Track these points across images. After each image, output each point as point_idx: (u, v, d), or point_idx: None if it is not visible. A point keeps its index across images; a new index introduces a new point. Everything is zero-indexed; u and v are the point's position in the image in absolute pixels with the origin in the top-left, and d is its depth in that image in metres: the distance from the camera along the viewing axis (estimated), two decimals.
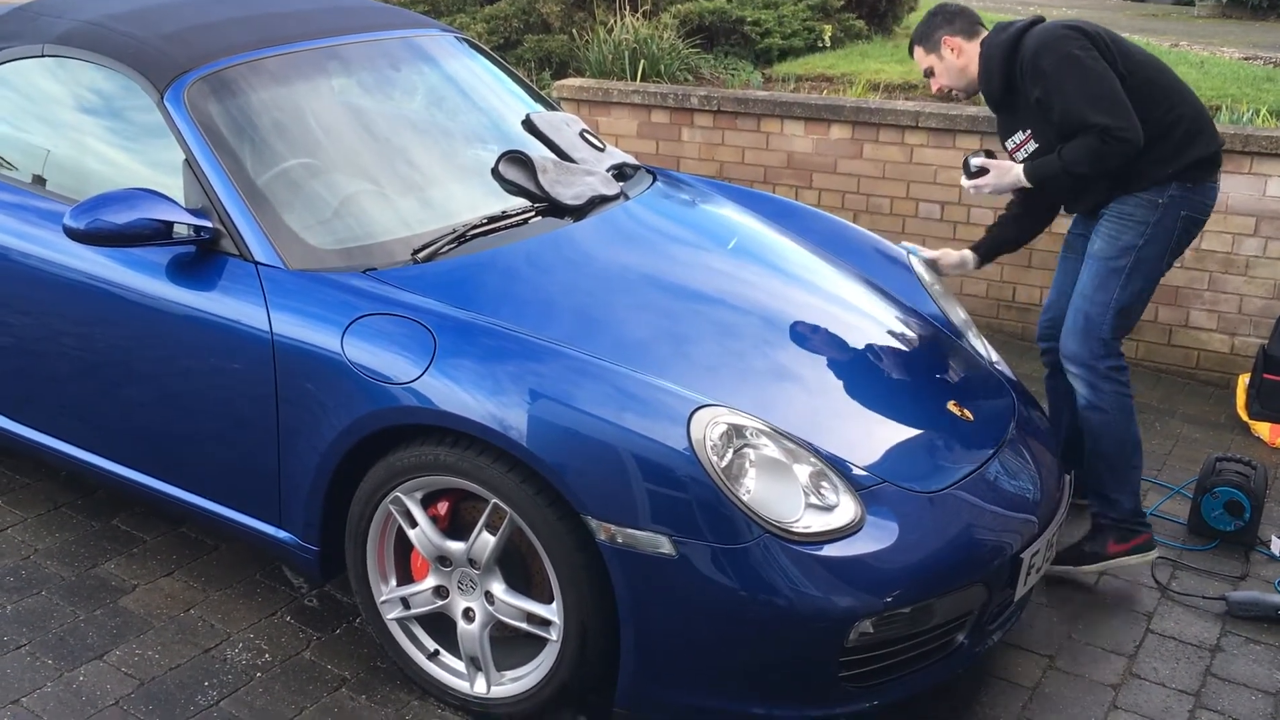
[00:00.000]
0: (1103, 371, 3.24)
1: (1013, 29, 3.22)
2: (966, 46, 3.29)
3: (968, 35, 3.30)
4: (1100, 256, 3.24)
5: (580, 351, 2.63)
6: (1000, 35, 3.23)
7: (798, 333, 3.05)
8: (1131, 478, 3.31)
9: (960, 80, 3.33)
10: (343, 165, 3.24)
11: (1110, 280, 3.22)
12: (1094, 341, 3.24)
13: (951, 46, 3.30)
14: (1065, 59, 3.07)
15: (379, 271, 2.85)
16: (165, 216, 2.85)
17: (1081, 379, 3.27)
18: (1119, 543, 3.31)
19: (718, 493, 2.41)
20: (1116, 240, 3.21)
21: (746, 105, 5.62)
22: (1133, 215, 3.19)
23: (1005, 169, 3.31)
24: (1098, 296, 3.23)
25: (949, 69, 3.33)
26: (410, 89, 3.73)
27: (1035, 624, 3.18)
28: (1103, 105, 3.03)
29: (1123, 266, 3.21)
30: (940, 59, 3.33)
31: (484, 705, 2.74)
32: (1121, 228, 3.21)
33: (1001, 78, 3.21)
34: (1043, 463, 2.99)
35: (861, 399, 2.90)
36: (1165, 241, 3.21)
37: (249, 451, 2.90)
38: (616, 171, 3.58)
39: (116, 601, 3.17)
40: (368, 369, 2.65)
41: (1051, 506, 2.88)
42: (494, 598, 2.67)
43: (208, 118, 3.01)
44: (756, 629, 2.43)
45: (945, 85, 3.36)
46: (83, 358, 3.19)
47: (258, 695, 2.83)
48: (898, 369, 3.07)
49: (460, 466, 2.57)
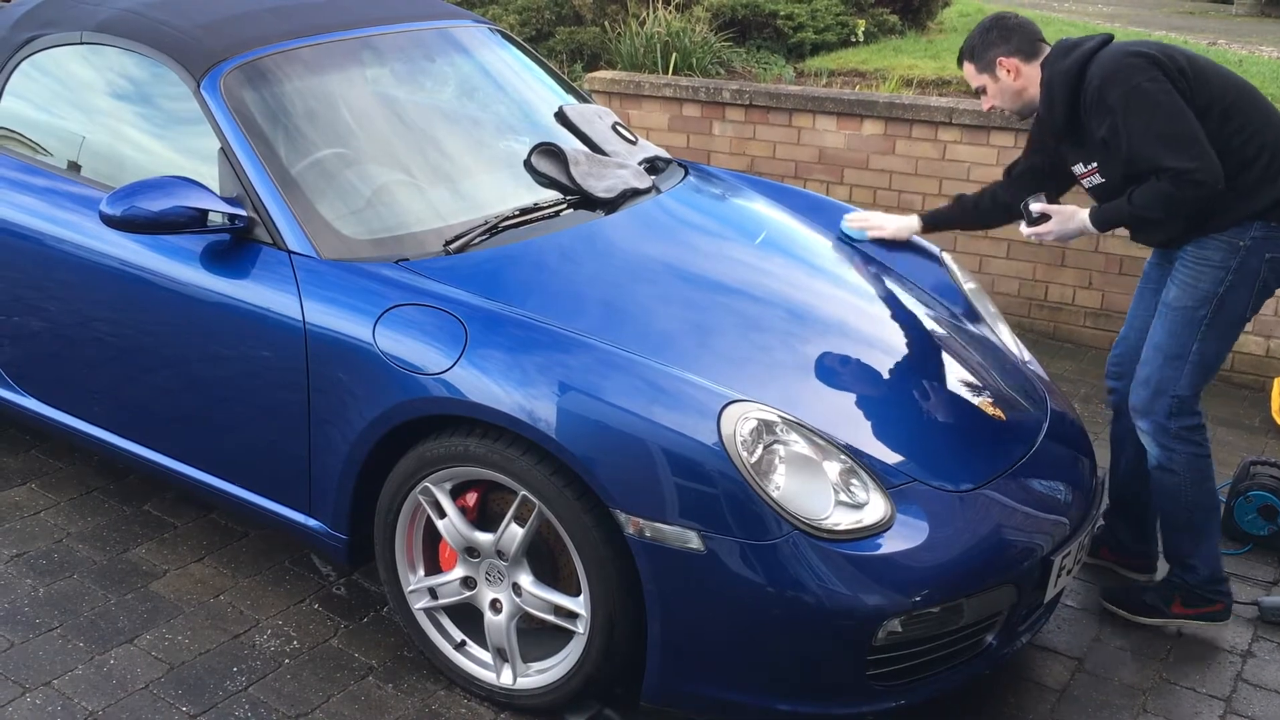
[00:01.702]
0: (1175, 432, 2.95)
1: (1077, 53, 2.90)
2: (1025, 69, 3.00)
3: (1026, 56, 3.00)
4: (1176, 306, 2.93)
5: (611, 344, 2.62)
6: (1064, 61, 2.91)
7: (828, 328, 3.04)
8: (1206, 544, 3.03)
9: (1015, 103, 3.06)
10: (376, 155, 3.25)
11: (1186, 333, 2.91)
12: (1166, 399, 2.94)
13: (1008, 68, 3.01)
14: (1132, 92, 2.78)
15: (411, 262, 2.86)
16: (200, 204, 2.87)
17: (1151, 437, 2.99)
18: (1186, 606, 3.07)
19: (747, 488, 2.40)
20: (1194, 288, 2.90)
21: (778, 100, 5.59)
22: (1211, 259, 2.88)
23: (1068, 215, 3.03)
24: (1172, 350, 2.93)
25: (1003, 91, 3.05)
26: (443, 80, 3.73)
27: (1064, 626, 3.16)
28: (1175, 145, 2.74)
29: (1201, 317, 2.90)
30: (995, 80, 3.04)
31: (510, 696, 2.75)
32: (1199, 274, 2.90)
33: (1065, 108, 2.92)
34: (1075, 464, 2.96)
35: (892, 396, 2.89)
36: (1249, 288, 2.89)
37: (280, 439, 2.92)
38: (649, 165, 3.57)
39: (147, 586, 3.20)
40: (399, 359, 2.66)
41: (1084, 509, 2.85)
42: (521, 589, 2.67)
43: (243, 106, 3.03)
44: (784, 625, 2.43)
45: (998, 107, 3.10)
46: (116, 343, 3.22)
47: (286, 681, 2.85)
48: (929, 366, 3.05)
49: (490, 458, 2.58)
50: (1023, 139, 5.04)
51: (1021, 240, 5.12)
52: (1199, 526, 3.01)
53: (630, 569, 2.48)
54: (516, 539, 2.63)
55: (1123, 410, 3.21)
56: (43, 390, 3.45)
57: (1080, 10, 12.22)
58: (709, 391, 2.53)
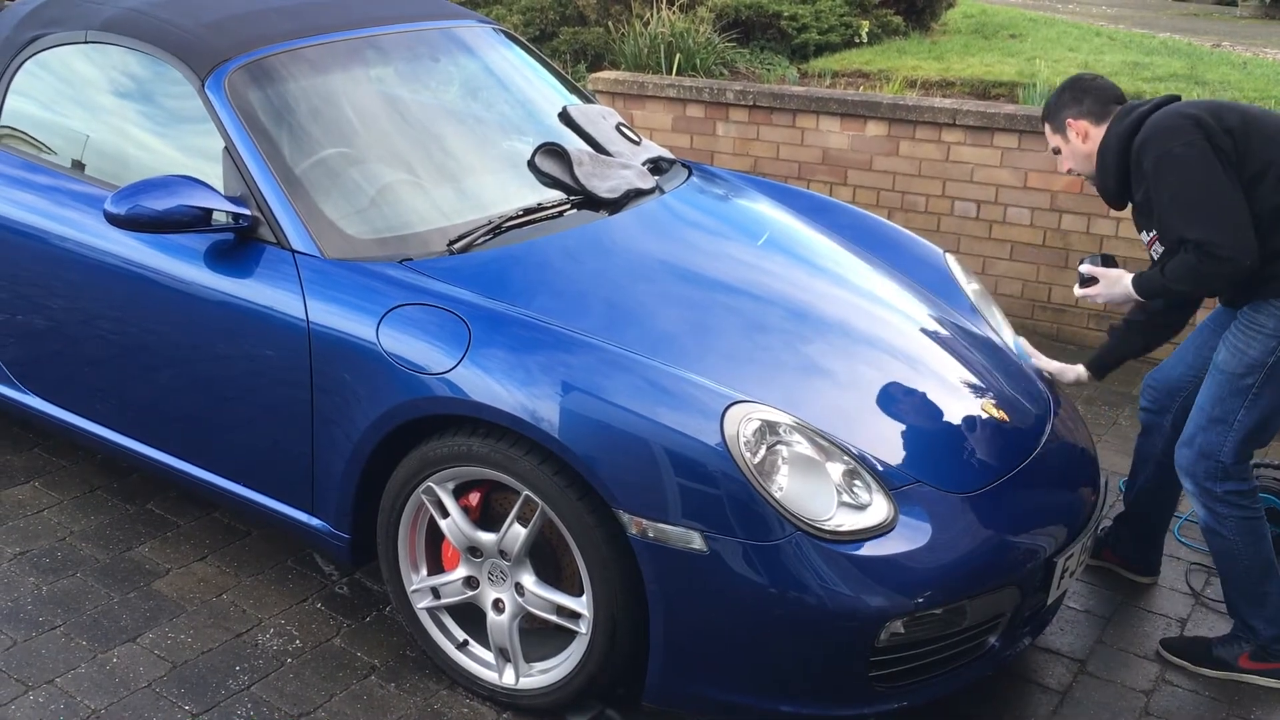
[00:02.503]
0: (1220, 495, 2.85)
1: (1134, 115, 2.80)
2: (1094, 132, 2.89)
3: (1096, 119, 2.88)
4: (1224, 370, 2.82)
5: (614, 344, 2.62)
6: (1121, 124, 2.82)
7: (831, 329, 3.04)
8: (1269, 603, 2.91)
9: (1085, 167, 2.95)
10: (380, 155, 3.25)
11: (1233, 399, 2.79)
12: (1209, 463, 2.84)
13: (1077, 130, 2.91)
14: (1164, 158, 2.68)
15: (415, 262, 2.86)
16: (204, 203, 2.87)
17: (1197, 500, 2.90)
18: (1255, 660, 2.95)
19: (750, 489, 2.40)
20: (1243, 355, 2.77)
21: (782, 100, 5.59)
22: (1264, 326, 2.74)
23: (1115, 279, 2.97)
24: (1216, 415, 2.82)
25: (1075, 154, 2.95)
26: (447, 79, 3.73)
27: (1067, 628, 3.16)
28: (1199, 216, 2.63)
29: (1249, 386, 2.77)
30: (1066, 141, 2.95)
31: (512, 696, 2.75)
32: (1249, 340, 2.77)
33: (1116, 174, 2.84)
34: (1078, 466, 2.96)
35: (895, 397, 2.89)
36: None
37: (283, 439, 2.92)
38: (652, 165, 3.57)
39: (150, 585, 3.20)
40: (403, 359, 2.66)
41: (1086, 511, 2.85)
42: (524, 589, 2.67)
43: (248, 106, 3.03)
44: (786, 627, 2.43)
45: (1072, 170, 2.99)
46: (119, 342, 3.22)
47: (288, 681, 2.85)
48: (932, 368, 3.05)
49: (493, 458, 2.58)
50: (1026, 139, 5.05)
51: (1025, 241, 5.14)
52: (1255, 585, 2.91)
53: (633, 569, 2.48)
54: (519, 539, 2.63)
55: (1152, 429, 3.19)
56: (46, 388, 3.45)
57: (1084, 11, 12.20)
58: (712, 392, 2.53)
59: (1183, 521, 3.66)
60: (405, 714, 2.76)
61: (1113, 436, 4.19)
